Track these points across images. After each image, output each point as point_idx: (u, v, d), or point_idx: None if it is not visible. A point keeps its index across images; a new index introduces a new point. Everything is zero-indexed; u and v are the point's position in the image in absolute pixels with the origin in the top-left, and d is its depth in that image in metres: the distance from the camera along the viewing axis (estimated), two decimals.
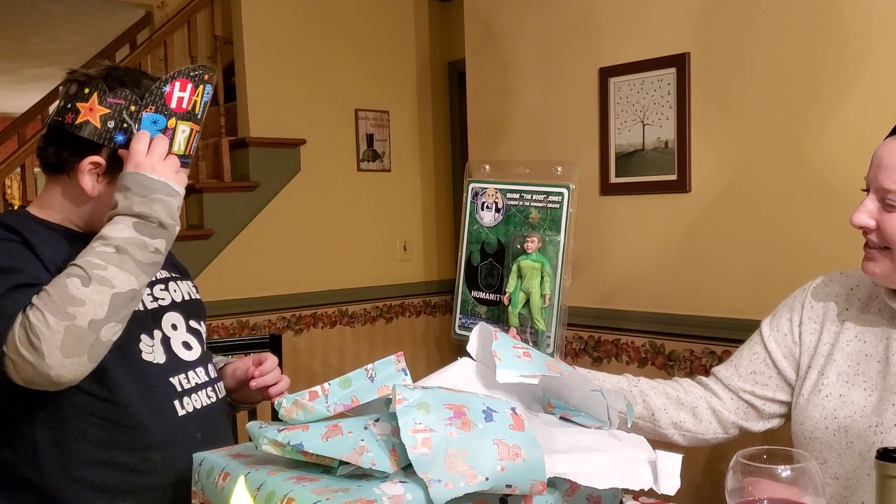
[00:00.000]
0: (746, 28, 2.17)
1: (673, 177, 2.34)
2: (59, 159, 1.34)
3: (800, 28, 2.07)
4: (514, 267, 1.35)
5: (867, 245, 1.26)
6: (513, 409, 0.93)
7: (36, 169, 3.80)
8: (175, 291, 1.47)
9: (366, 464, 0.87)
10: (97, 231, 1.29)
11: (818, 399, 1.32)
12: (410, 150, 4.11)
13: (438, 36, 4.18)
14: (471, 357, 1.20)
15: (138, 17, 4.68)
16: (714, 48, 2.24)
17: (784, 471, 0.90)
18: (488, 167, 1.44)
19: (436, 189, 4.23)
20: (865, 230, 1.25)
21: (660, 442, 1.41)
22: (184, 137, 1.35)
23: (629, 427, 1.15)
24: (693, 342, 2.34)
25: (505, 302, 1.36)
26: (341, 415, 0.98)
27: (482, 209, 1.42)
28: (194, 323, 1.48)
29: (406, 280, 4.10)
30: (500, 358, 1.08)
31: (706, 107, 2.27)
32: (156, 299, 1.42)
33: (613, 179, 2.49)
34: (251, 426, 0.97)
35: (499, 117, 2.84)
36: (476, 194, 1.44)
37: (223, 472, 0.96)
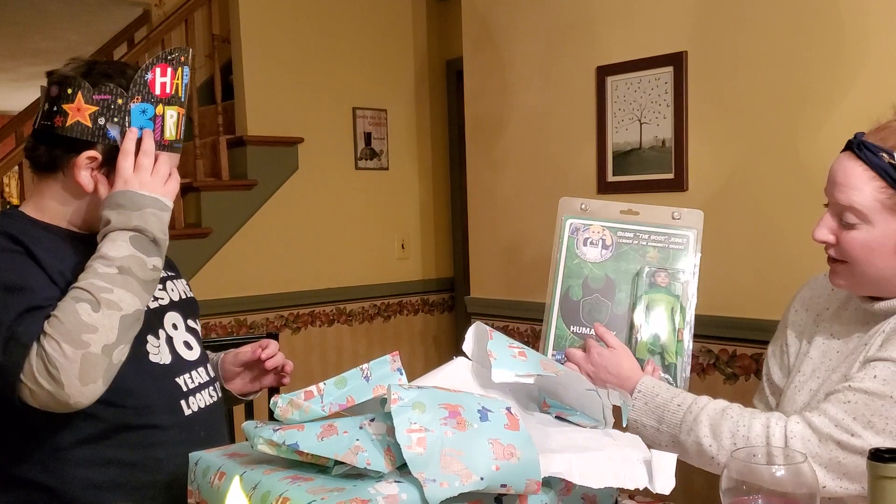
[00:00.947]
0: (743, 27, 2.17)
1: (670, 175, 2.34)
2: (52, 158, 1.33)
3: (796, 27, 2.07)
4: (644, 300, 1.37)
5: (829, 259, 1.28)
6: (508, 409, 0.93)
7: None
8: (172, 290, 1.48)
9: (361, 463, 0.87)
10: (96, 230, 1.29)
11: (790, 392, 1.35)
12: (408, 149, 4.11)
13: (436, 34, 4.18)
14: (466, 356, 1.20)
15: (136, 15, 4.67)
16: (711, 47, 2.25)
17: (778, 470, 0.90)
18: (586, 205, 1.46)
19: (434, 187, 4.23)
20: (827, 245, 1.26)
21: None
22: (173, 122, 1.35)
23: (624, 426, 1.15)
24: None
25: (635, 335, 1.38)
26: (337, 414, 0.98)
27: (585, 245, 1.44)
28: (192, 322, 1.48)
29: (404, 278, 4.09)
30: (496, 357, 1.08)
31: (703, 105, 2.28)
32: (156, 299, 1.42)
33: (610, 178, 2.49)
34: (247, 426, 0.97)
35: (496, 115, 2.84)
36: (576, 230, 1.45)
37: (219, 472, 0.96)
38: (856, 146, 1.21)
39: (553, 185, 2.64)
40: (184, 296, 1.50)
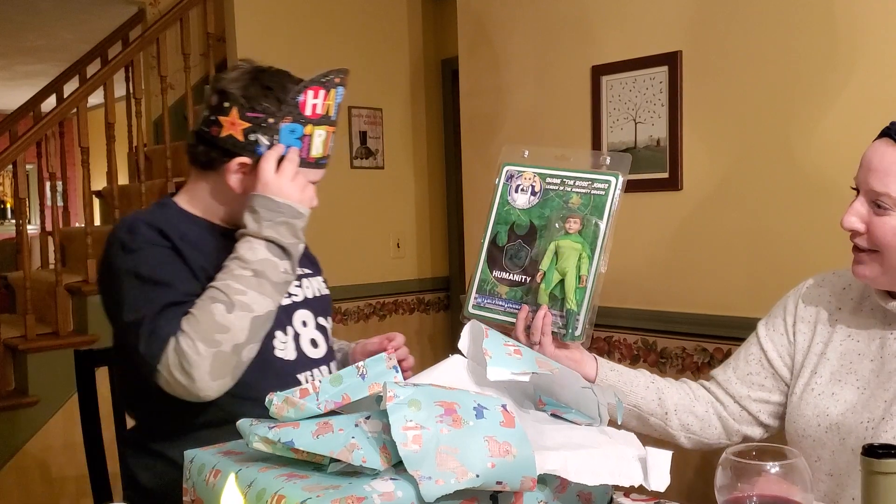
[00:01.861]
0: (738, 27, 2.18)
1: (665, 175, 2.34)
2: (209, 158, 1.44)
3: (791, 27, 2.08)
4: (552, 246, 1.35)
5: (856, 248, 1.25)
6: (503, 406, 0.93)
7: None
8: (307, 288, 1.56)
9: (356, 461, 0.87)
10: (236, 225, 1.42)
11: (811, 397, 1.32)
12: (404, 148, 4.11)
13: (432, 33, 4.18)
14: (462, 354, 1.20)
15: (131, 14, 4.66)
16: (706, 47, 2.25)
17: (773, 467, 0.91)
18: (528, 152, 1.46)
19: (429, 186, 4.23)
20: (854, 233, 1.24)
21: (664, 441, 1.42)
22: (321, 141, 1.45)
23: (619, 423, 1.15)
24: (685, 339, 2.35)
25: (538, 280, 1.35)
26: (332, 412, 0.98)
27: (516, 191, 1.43)
28: (322, 320, 1.56)
29: (399, 277, 4.09)
30: (491, 355, 1.08)
31: (698, 105, 2.28)
32: (290, 295, 1.50)
33: None
34: (242, 423, 0.97)
35: (492, 115, 2.84)
36: (511, 177, 1.45)
37: (214, 470, 0.96)
38: (894, 132, 1.19)
39: None
40: (318, 293, 1.59)
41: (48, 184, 3.82)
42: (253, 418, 0.98)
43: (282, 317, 1.45)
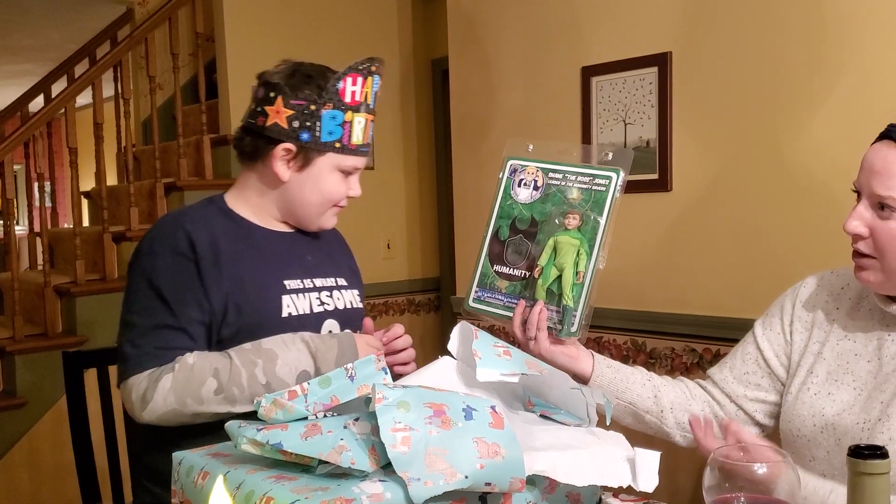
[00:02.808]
0: (728, 27, 2.19)
1: (654, 176, 2.35)
2: (255, 148, 1.50)
3: (780, 28, 2.08)
4: (551, 241, 1.35)
5: (856, 253, 1.23)
6: (492, 408, 0.93)
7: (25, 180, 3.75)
8: (339, 299, 1.60)
9: (345, 463, 0.87)
10: (284, 220, 1.54)
11: (806, 396, 1.32)
12: (394, 148, 4.10)
13: (422, 34, 4.17)
14: (451, 356, 1.20)
15: (119, 14, 4.64)
16: (696, 48, 2.26)
17: (760, 468, 0.91)
18: (532, 146, 1.46)
19: (420, 187, 4.23)
20: (856, 238, 1.21)
21: (659, 441, 1.42)
22: (360, 128, 1.50)
23: (608, 424, 1.15)
24: (674, 340, 2.35)
25: (535, 275, 1.35)
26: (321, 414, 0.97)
27: (519, 186, 1.44)
28: (349, 331, 1.58)
29: (390, 279, 4.09)
30: (481, 357, 1.08)
31: (688, 106, 2.29)
32: (322, 303, 1.54)
33: None
34: (230, 425, 0.96)
35: (482, 115, 2.84)
36: (514, 171, 1.45)
37: (202, 472, 0.96)
38: (895, 134, 1.16)
39: None
40: (349, 306, 1.62)
41: (36, 184, 3.80)
42: (241, 420, 0.98)
43: (310, 326, 1.49)
